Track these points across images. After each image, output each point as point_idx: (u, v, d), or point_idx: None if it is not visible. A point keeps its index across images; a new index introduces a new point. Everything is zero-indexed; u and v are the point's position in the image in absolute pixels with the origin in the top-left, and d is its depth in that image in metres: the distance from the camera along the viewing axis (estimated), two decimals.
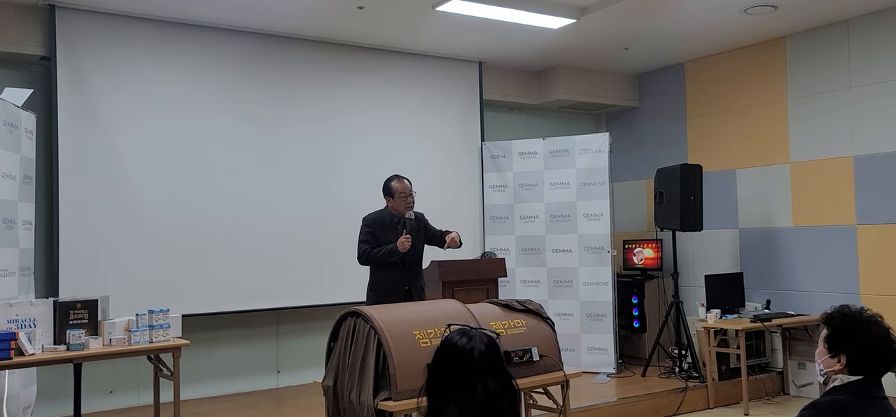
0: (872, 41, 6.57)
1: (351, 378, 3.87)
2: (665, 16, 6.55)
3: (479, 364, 1.87)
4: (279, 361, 6.97)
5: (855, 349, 2.33)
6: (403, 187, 5.26)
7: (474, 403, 1.84)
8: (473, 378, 1.86)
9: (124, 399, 6.21)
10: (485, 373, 1.87)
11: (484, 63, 7.97)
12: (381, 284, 5.21)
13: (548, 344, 4.33)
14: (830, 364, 2.38)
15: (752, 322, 6.52)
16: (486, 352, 1.90)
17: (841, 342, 2.36)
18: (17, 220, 5.24)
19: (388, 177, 5.37)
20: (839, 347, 2.36)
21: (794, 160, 7.17)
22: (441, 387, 1.89)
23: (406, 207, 5.25)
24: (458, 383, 1.85)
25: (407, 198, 5.24)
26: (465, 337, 1.91)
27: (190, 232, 6.30)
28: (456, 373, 1.87)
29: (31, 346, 4.31)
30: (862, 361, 2.32)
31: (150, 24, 6.22)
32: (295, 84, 6.88)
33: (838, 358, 2.36)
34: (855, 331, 2.35)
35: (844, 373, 2.35)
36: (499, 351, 1.95)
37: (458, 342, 1.91)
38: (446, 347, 1.92)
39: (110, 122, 6.05)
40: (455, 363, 1.89)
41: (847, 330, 2.37)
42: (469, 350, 1.89)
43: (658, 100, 8.51)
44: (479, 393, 1.85)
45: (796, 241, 7.12)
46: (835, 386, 2.36)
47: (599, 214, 7.35)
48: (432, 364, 1.94)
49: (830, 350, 2.39)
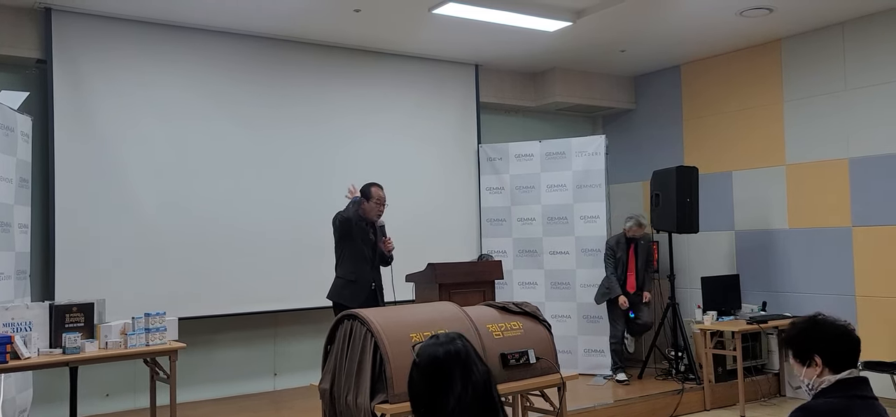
0: (867, 43, 6.59)
1: (348, 381, 3.87)
2: (661, 18, 6.56)
3: (464, 354, 1.94)
4: (276, 364, 6.96)
5: (821, 345, 2.39)
6: (381, 195, 5.53)
7: (475, 385, 1.90)
8: (469, 365, 1.93)
9: (121, 402, 6.20)
10: (472, 359, 1.95)
11: (480, 65, 7.98)
12: (352, 272, 5.43)
13: (544, 347, 4.33)
14: (811, 373, 2.43)
15: (749, 323, 6.53)
16: (464, 343, 1.97)
17: (806, 349, 2.43)
18: (13, 224, 5.23)
19: (370, 183, 5.55)
20: (808, 353, 2.42)
21: (789, 162, 7.19)
22: (434, 394, 1.91)
23: (377, 214, 5.52)
24: (452, 381, 1.89)
25: (380, 205, 5.52)
26: (439, 342, 1.97)
27: (186, 235, 6.29)
28: (448, 374, 1.90)
29: (27, 350, 4.30)
30: (833, 352, 2.38)
31: (147, 27, 6.21)
32: (291, 86, 6.88)
33: (813, 364, 2.41)
34: (810, 332, 2.43)
35: (826, 373, 2.39)
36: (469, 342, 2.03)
37: (437, 349, 1.96)
38: (431, 359, 1.94)
39: (106, 125, 6.04)
40: (445, 365, 1.92)
41: (804, 334, 2.45)
42: (454, 351, 1.95)
43: (654, 103, 8.53)
44: (478, 373, 1.93)
45: (792, 243, 7.14)
46: (824, 389, 2.39)
47: (596, 216, 7.36)
48: (421, 382, 1.95)
49: (803, 361, 2.45)
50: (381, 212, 5.54)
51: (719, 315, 6.84)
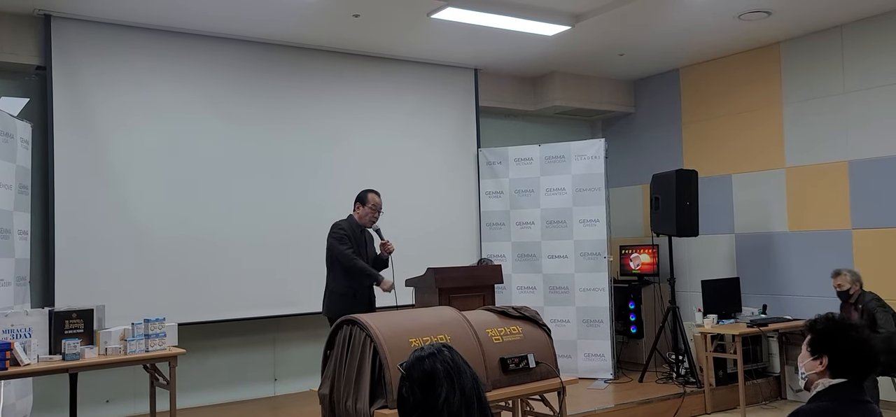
0: (866, 46, 6.60)
1: (347, 386, 3.87)
2: (659, 22, 6.57)
3: (451, 363, 1.96)
4: (276, 369, 6.96)
5: (836, 351, 2.38)
6: (377, 202, 5.57)
7: (463, 392, 1.93)
8: (457, 373, 1.95)
9: (121, 408, 6.20)
10: (460, 367, 1.97)
11: (480, 70, 7.98)
12: (348, 286, 5.42)
13: (544, 351, 4.33)
14: (812, 366, 2.43)
15: (749, 327, 6.53)
16: (450, 352, 1.99)
17: (823, 345, 2.42)
18: (13, 230, 5.23)
19: (367, 189, 5.59)
20: (821, 349, 2.42)
21: (789, 165, 7.19)
22: (425, 406, 1.92)
23: (371, 221, 5.56)
24: (442, 390, 1.91)
25: (375, 212, 5.56)
26: (425, 354, 1.99)
27: (186, 241, 6.29)
28: (438, 384, 1.93)
29: (27, 356, 4.29)
30: (843, 363, 2.37)
31: (146, 33, 6.22)
32: (291, 92, 6.89)
33: (820, 360, 2.41)
34: (837, 335, 2.41)
35: (826, 376, 2.40)
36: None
37: (425, 361, 1.97)
38: (420, 371, 1.96)
39: (106, 132, 6.05)
40: (434, 375, 1.95)
41: (829, 333, 2.43)
42: (441, 360, 1.97)
43: (654, 106, 8.53)
44: (467, 379, 1.95)
45: (792, 246, 7.14)
46: (818, 392, 2.39)
47: (595, 220, 7.36)
48: (411, 395, 1.95)
49: (813, 352, 2.44)
50: (375, 219, 5.57)
51: (720, 318, 6.83)
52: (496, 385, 4.01)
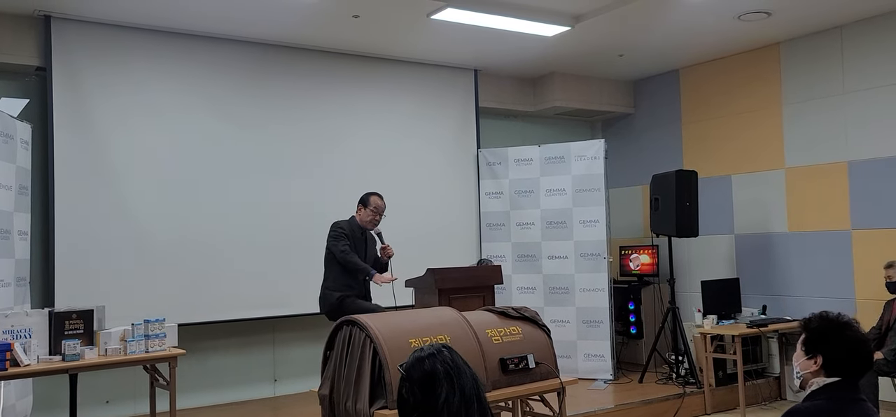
0: (866, 47, 6.60)
1: (347, 387, 3.87)
2: (659, 23, 6.57)
3: (451, 363, 1.96)
4: (276, 370, 6.96)
5: (831, 349, 2.38)
6: (379, 205, 5.60)
7: (463, 392, 1.93)
8: (457, 373, 1.95)
9: (121, 409, 6.20)
10: (459, 367, 1.97)
11: (479, 70, 7.98)
12: (346, 285, 5.48)
13: (544, 351, 4.33)
14: (807, 364, 2.43)
15: (749, 327, 6.53)
16: (450, 352, 2.00)
17: (817, 343, 2.42)
18: (13, 231, 5.24)
19: (370, 191, 5.63)
20: (816, 348, 2.42)
21: (789, 165, 7.19)
22: (426, 406, 1.93)
23: (373, 223, 5.59)
24: (442, 390, 1.91)
25: (377, 215, 5.59)
26: (424, 355, 1.99)
27: (186, 242, 6.29)
28: (438, 384, 1.93)
29: (27, 357, 4.30)
30: (837, 362, 2.37)
31: (146, 34, 6.23)
32: (291, 93, 6.89)
33: (814, 359, 2.41)
34: (831, 333, 2.41)
35: (820, 375, 2.40)
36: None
37: (424, 361, 1.97)
38: (420, 372, 1.95)
39: (106, 132, 6.05)
40: (434, 375, 1.95)
41: (824, 332, 2.43)
42: (441, 360, 1.97)
43: (653, 107, 8.54)
44: (466, 379, 1.95)
45: (792, 246, 7.14)
46: (813, 391, 2.40)
47: (595, 221, 7.36)
48: (412, 396, 1.95)
49: (807, 351, 2.44)
50: (377, 222, 5.59)
51: (719, 318, 6.83)
52: (496, 386, 4.02)
